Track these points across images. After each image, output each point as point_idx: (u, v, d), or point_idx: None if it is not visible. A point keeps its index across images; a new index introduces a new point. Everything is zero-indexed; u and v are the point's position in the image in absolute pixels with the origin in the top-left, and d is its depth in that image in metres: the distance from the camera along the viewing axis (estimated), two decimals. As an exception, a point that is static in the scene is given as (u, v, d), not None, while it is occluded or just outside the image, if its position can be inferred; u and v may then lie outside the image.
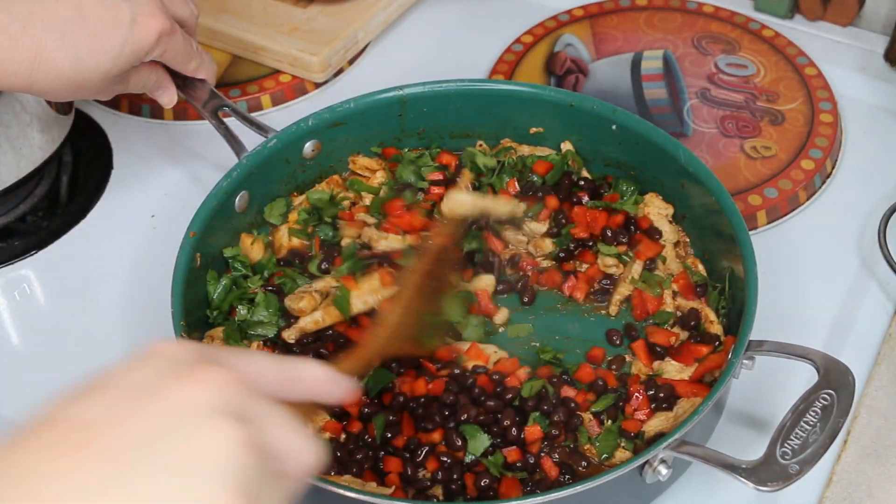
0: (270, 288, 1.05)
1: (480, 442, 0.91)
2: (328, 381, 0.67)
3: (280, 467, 0.58)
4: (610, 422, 0.94)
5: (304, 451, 0.60)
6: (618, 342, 1.02)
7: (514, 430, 0.92)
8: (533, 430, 0.92)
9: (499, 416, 0.93)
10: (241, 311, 1.02)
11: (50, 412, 0.54)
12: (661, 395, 0.94)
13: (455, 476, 0.90)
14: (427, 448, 0.92)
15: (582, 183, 1.12)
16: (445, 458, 0.91)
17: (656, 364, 0.98)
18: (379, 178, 1.15)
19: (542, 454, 0.92)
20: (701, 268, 1.06)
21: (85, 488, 0.50)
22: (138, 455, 0.52)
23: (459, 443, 0.91)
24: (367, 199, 1.13)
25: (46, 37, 0.93)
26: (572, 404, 0.94)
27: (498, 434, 0.93)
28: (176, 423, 0.53)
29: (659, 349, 0.99)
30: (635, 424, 0.93)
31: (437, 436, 0.93)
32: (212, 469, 0.53)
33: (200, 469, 0.52)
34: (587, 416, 0.94)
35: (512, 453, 0.91)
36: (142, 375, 0.56)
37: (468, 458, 0.91)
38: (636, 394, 0.95)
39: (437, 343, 1.00)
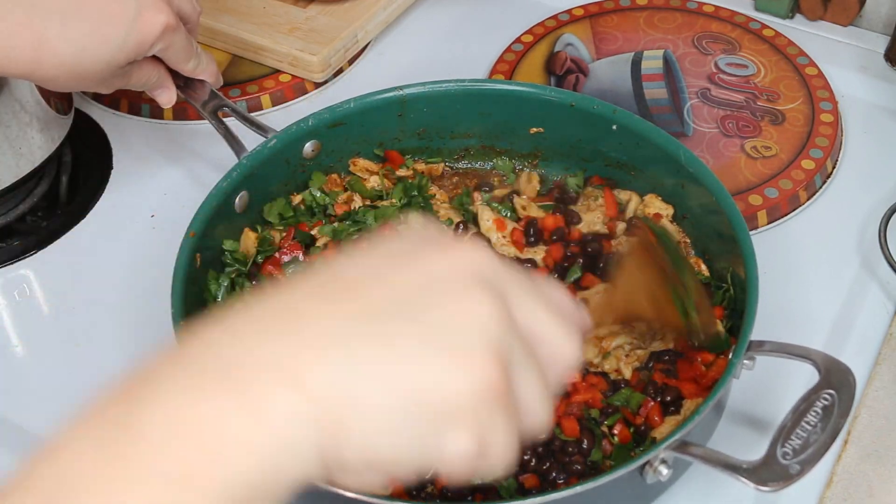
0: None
1: None
2: (571, 340, 0.61)
3: (532, 352, 0.56)
4: (617, 438, 0.93)
5: (559, 340, 0.58)
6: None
7: (533, 462, 0.91)
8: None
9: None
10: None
11: (313, 271, 0.55)
12: (669, 398, 0.94)
13: (464, 493, 0.90)
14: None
15: None
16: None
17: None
18: (373, 181, 1.14)
19: (559, 480, 0.91)
20: (704, 268, 1.06)
21: (346, 331, 0.51)
22: (400, 308, 0.52)
23: None
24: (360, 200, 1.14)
25: (49, 25, 0.93)
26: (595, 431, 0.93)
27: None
28: (437, 283, 0.54)
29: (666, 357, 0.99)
30: (647, 431, 0.93)
31: None
32: (472, 328, 0.53)
33: (461, 326, 0.52)
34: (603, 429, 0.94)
35: (529, 479, 0.90)
36: (400, 245, 0.57)
37: (476, 481, 0.89)
38: (648, 401, 0.94)
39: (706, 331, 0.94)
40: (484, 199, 1.13)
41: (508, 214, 1.12)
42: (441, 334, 0.52)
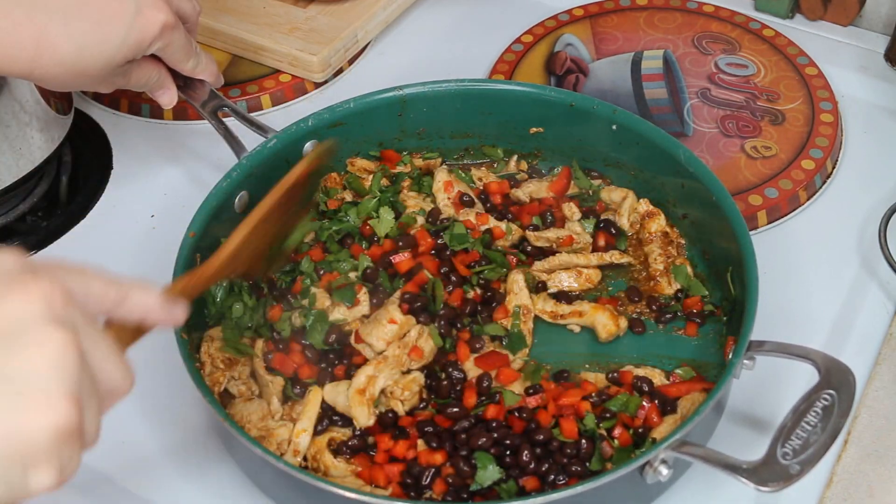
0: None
1: (490, 474, 0.89)
2: (158, 306, 0.71)
3: (95, 386, 0.61)
4: (618, 441, 0.93)
5: (119, 374, 0.63)
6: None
7: (533, 465, 0.91)
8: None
9: (517, 449, 0.92)
10: (237, 308, 1.02)
11: None
12: (657, 400, 0.94)
13: (465, 496, 0.90)
14: (433, 471, 0.91)
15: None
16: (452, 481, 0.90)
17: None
18: (370, 180, 1.15)
19: (559, 481, 0.91)
20: (690, 270, 1.06)
21: None
22: None
23: (467, 469, 0.90)
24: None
25: (49, 22, 0.93)
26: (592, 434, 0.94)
27: (513, 464, 0.91)
28: (8, 331, 0.56)
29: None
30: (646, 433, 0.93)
31: (439, 457, 0.91)
32: (44, 372, 0.56)
33: (32, 373, 0.56)
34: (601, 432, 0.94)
35: (529, 482, 0.90)
36: None
37: (474, 487, 0.90)
38: (644, 403, 0.94)
39: (276, 268, 1.03)
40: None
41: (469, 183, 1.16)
42: (19, 381, 0.55)
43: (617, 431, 0.92)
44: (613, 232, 1.11)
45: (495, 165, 1.19)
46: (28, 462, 0.56)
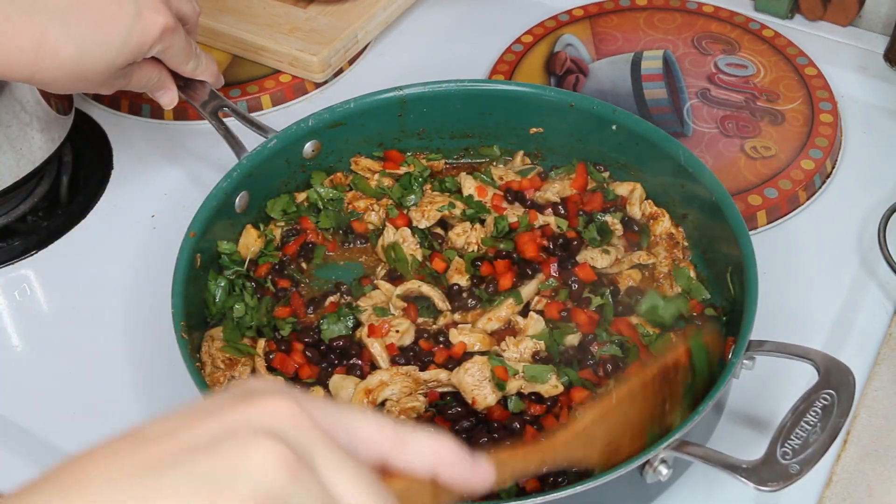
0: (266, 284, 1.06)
1: None
2: (455, 457, 0.58)
3: None
4: None
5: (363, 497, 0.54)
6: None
7: None
8: None
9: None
10: (238, 308, 1.02)
11: (125, 431, 0.54)
12: None
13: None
14: None
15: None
16: None
17: None
18: (376, 179, 1.15)
19: (559, 480, 0.90)
20: (693, 274, 1.06)
21: (114, 482, 0.50)
22: (176, 460, 0.51)
23: None
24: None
25: (49, 26, 0.93)
26: None
27: None
28: (224, 437, 0.52)
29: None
30: None
31: None
32: (238, 475, 0.51)
33: (228, 477, 0.51)
34: None
35: (529, 483, 0.90)
36: (214, 400, 0.55)
37: None
38: None
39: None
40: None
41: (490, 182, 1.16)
42: (210, 481, 0.51)
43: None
44: (636, 229, 1.11)
45: (494, 164, 1.19)
46: None
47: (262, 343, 1.00)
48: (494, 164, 1.19)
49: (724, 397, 0.97)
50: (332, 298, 1.05)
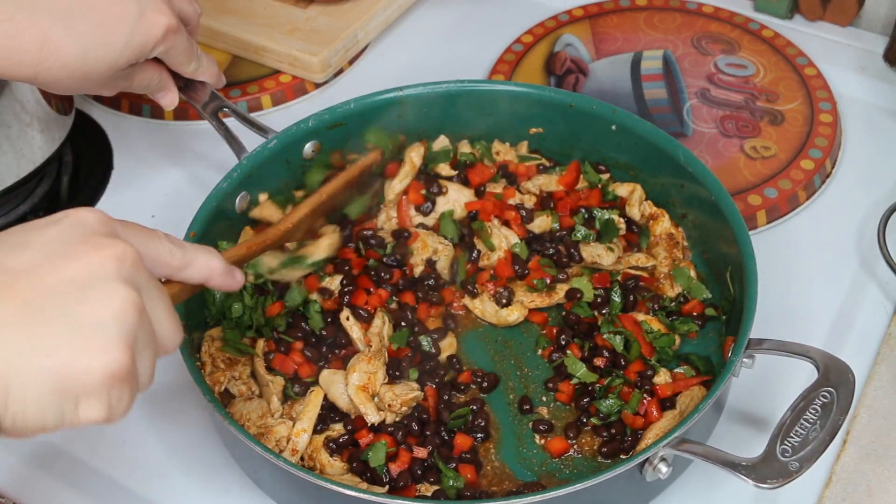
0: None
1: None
2: (220, 272, 0.79)
3: (153, 338, 0.69)
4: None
5: (173, 331, 0.71)
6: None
7: None
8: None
9: None
10: (237, 308, 1.02)
11: None
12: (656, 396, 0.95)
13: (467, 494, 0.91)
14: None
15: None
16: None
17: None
18: None
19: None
20: (693, 273, 1.06)
21: (3, 327, 0.62)
22: (47, 302, 0.63)
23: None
24: None
25: (53, 26, 0.93)
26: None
27: None
28: (82, 283, 0.65)
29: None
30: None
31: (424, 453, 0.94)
32: (105, 322, 0.64)
33: (96, 321, 0.64)
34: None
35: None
36: (58, 236, 0.67)
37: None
38: (644, 399, 0.95)
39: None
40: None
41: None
42: (83, 326, 0.64)
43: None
44: (636, 230, 1.11)
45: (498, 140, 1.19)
46: (81, 396, 0.63)
47: (261, 343, 1.00)
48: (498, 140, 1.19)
49: (724, 395, 0.97)
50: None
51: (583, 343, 1.01)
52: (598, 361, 0.99)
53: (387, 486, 0.91)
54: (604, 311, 1.04)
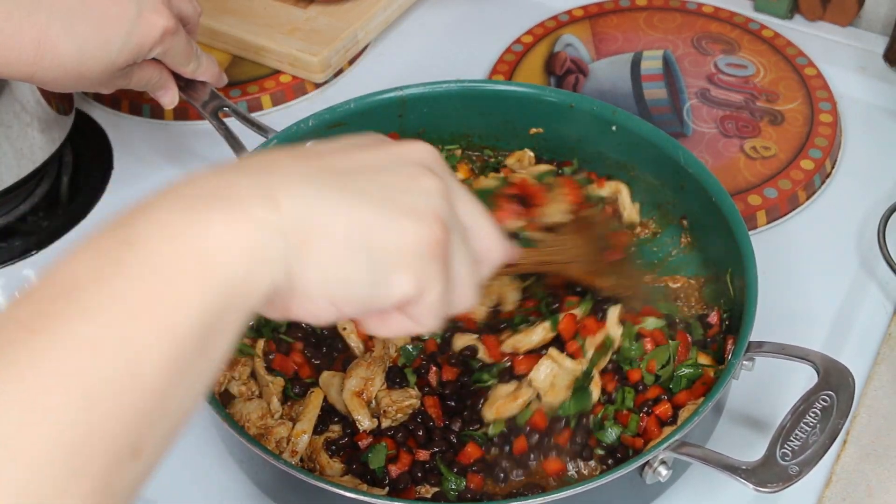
0: None
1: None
2: (501, 242, 0.71)
3: (467, 238, 0.66)
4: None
5: (491, 238, 0.68)
6: None
7: None
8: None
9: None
10: None
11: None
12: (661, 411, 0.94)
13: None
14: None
15: None
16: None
17: None
18: None
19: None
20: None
21: (317, 177, 0.60)
22: (362, 172, 0.62)
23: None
24: None
25: (50, 25, 0.93)
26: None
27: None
28: (392, 162, 0.64)
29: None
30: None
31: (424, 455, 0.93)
32: (422, 195, 0.62)
33: (413, 192, 0.62)
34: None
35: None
36: (362, 139, 0.67)
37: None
38: (643, 417, 0.94)
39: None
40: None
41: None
42: (396, 195, 0.62)
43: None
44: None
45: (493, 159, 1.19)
46: (391, 263, 0.61)
47: (261, 343, 1.00)
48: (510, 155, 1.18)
49: (724, 398, 0.97)
50: None
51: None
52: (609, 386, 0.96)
53: (386, 489, 0.91)
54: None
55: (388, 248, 0.60)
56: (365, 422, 0.95)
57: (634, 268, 1.05)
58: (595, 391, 0.94)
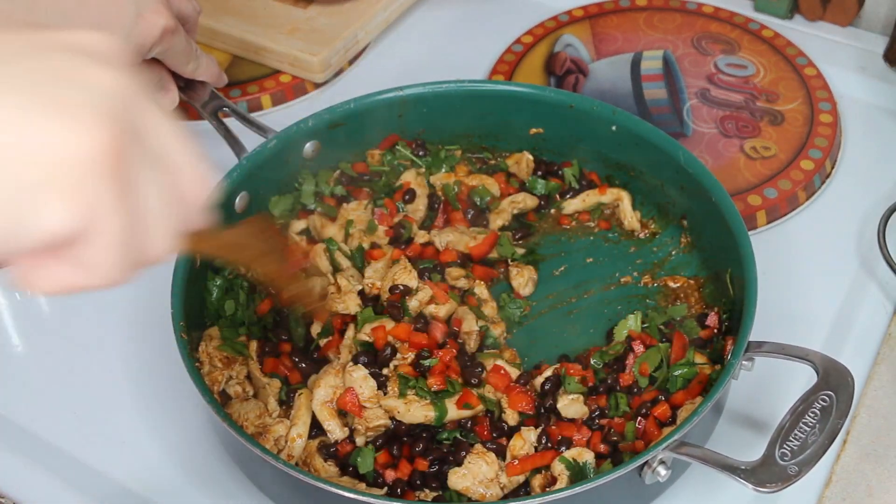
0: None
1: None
2: (206, 178, 0.58)
3: (160, 167, 0.51)
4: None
5: (193, 175, 0.53)
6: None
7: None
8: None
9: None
10: (230, 305, 1.02)
11: None
12: (659, 413, 0.94)
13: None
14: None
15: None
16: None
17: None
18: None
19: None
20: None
21: None
22: (15, 56, 0.47)
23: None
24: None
25: (49, 25, 0.93)
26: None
27: None
28: (70, 53, 0.49)
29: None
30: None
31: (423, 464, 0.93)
32: (90, 86, 0.47)
33: (78, 83, 0.47)
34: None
35: None
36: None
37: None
38: (640, 418, 0.93)
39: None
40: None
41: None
42: (51, 87, 0.46)
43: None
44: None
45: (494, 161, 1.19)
46: (38, 184, 0.45)
47: (254, 344, 1.00)
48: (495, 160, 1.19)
49: (723, 398, 0.97)
50: None
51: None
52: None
53: (385, 489, 0.91)
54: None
55: (30, 158, 0.45)
56: (336, 432, 0.93)
57: (310, 285, 0.99)
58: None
